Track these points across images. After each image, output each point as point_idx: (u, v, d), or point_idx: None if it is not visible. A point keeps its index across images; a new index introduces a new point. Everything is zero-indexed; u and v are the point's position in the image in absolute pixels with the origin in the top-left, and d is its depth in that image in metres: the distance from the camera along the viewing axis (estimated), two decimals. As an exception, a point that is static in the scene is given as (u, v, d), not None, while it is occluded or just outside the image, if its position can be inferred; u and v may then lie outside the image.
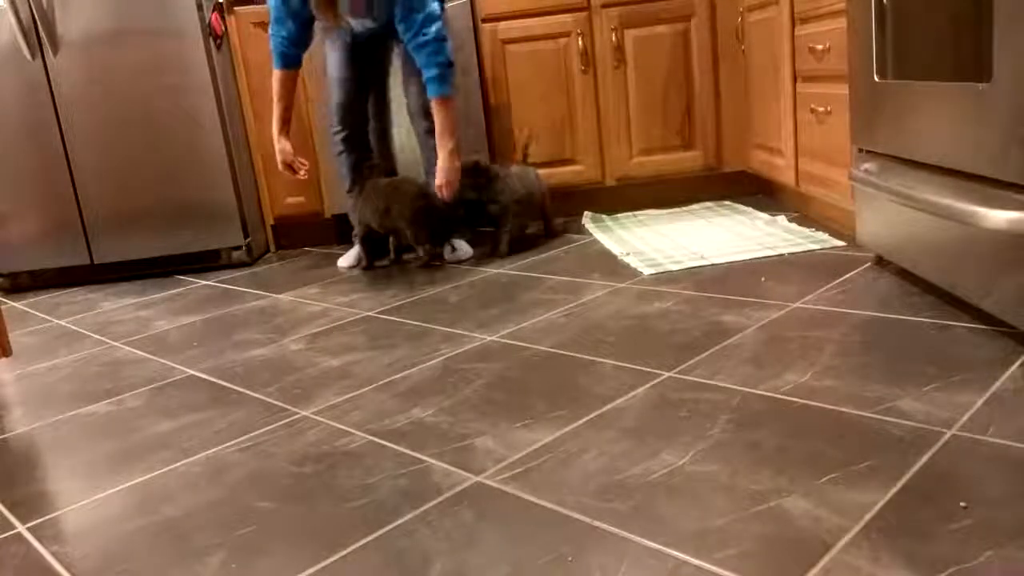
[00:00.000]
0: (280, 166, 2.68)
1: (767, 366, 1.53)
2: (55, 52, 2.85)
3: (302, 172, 2.68)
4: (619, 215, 3.09)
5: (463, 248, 2.72)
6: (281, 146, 2.66)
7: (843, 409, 1.32)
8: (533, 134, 3.02)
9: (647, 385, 1.51)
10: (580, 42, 3.03)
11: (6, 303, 2.89)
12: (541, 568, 1.01)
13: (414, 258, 2.74)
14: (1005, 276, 1.47)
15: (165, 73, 2.88)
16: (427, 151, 2.69)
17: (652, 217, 2.99)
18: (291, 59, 2.61)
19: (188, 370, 1.93)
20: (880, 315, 1.72)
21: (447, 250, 2.71)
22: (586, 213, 3.12)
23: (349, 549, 1.10)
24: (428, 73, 2.45)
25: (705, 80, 3.07)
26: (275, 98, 2.65)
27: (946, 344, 1.53)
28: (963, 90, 1.53)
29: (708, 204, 3.09)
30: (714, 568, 0.96)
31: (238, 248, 3.05)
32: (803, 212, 2.73)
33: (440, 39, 2.44)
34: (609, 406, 1.44)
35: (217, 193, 2.98)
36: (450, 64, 2.47)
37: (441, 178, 2.52)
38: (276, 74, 2.63)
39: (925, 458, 1.14)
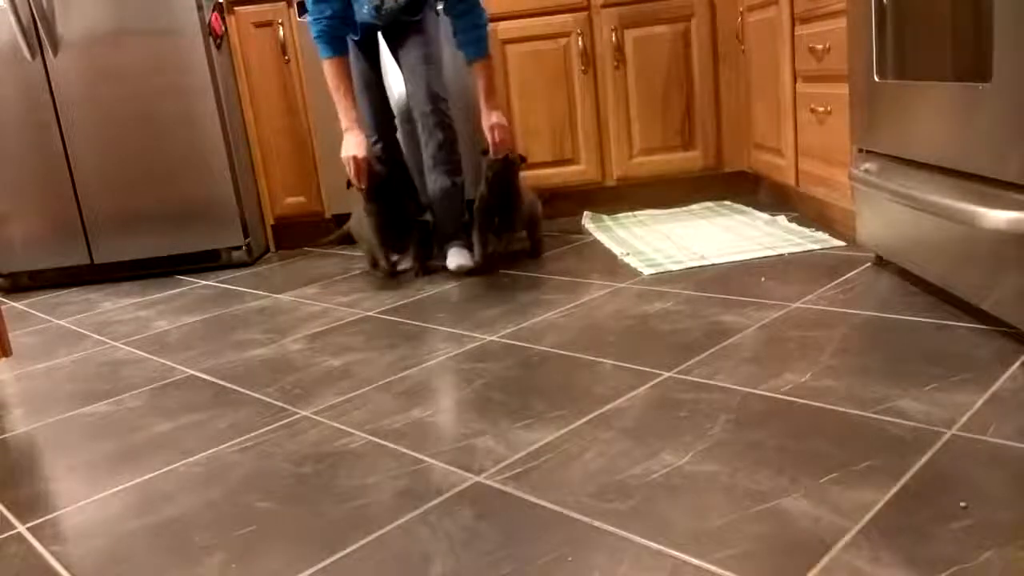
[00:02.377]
0: (352, 169, 2.40)
1: (767, 366, 1.53)
2: (55, 52, 2.85)
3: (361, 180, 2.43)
4: (619, 215, 3.08)
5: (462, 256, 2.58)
6: (357, 139, 2.41)
7: (843, 409, 1.32)
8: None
9: (647, 385, 1.51)
10: (580, 42, 3.03)
11: (6, 303, 2.89)
12: (541, 568, 1.01)
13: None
14: (1005, 276, 1.47)
15: (165, 73, 2.87)
16: (434, 142, 2.50)
17: (652, 217, 2.99)
18: (341, 43, 2.45)
19: (188, 370, 1.93)
20: (880, 315, 1.72)
21: (451, 261, 2.55)
22: (586, 213, 3.12)
23: (349, 549, 1.10)
24: (473, 34, 2.43)
25: (705, 80, 3.07)
26: (334, 90, 2.43)
27: (946, 344, 1.53)
28: (963, 90, 1.53)
29: (708, 204, 3.09)
30: (714, 568, 0.96)
31: (238, 248, 3.05)
32: (803, 212, 2.73)
33: (479, 2, 2.47)
34: (609, 406, 1.44)
35: (217, 193, 2.98)
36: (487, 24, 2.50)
37: (502, 133, 2.45)
38: (329, 64, 2.42)
39: (925, 458, 1.14)
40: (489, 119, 2.45)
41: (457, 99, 2.73)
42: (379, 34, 2.60)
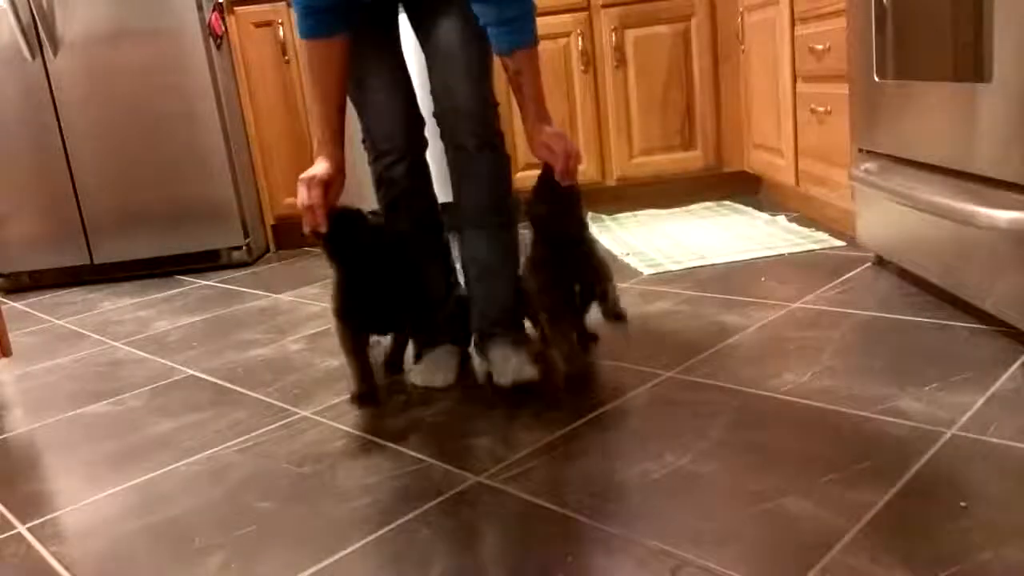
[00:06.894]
0: (304, 203, 1.47)
1: (767, 366, 1.53)
2: (55, 52, 2.85)
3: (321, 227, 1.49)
4: (619, 215, 3.08)
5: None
6: (320, 170, 1.50)
7: (843, 409, 1.32)
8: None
9: (647, 385, 1.51)
10: (580, 42, 3.03)
11: (6, 303, 2.89)
12: (541, 568, 1.01)
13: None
14: (1005, 276, 1.47)
15: (165, 73, 2.87)
16: (477, 174, 1.62)
17: (652, 217, 2.99)
18: (331, 18, 1.50)
19: (188, 370, 1.93)
20: (880, 315, 1.72)
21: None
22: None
23: (349, 549, 1.10)
24: (517, 7, 1.57)
25: (705, 80, 3.07)
26: (310, 86, 1.54)
27: (946, 344, 1.53)
28: (963, 90, 1.53)
29: (708, 204, 3.09)
30: (714, 567, 0.96)
31: (238, 248, 3.05)
32: (803, 212, 2.73)
33: None
34: (609, 406, 1.44)
35: (217, 193, 2.98)
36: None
37: (566, 149, 1.50)
38: (305, 48, 1.52)
39: (925, 458, 1.14)
40: (542, 134, 1.53)
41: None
42: (399, 6, 1.68)
